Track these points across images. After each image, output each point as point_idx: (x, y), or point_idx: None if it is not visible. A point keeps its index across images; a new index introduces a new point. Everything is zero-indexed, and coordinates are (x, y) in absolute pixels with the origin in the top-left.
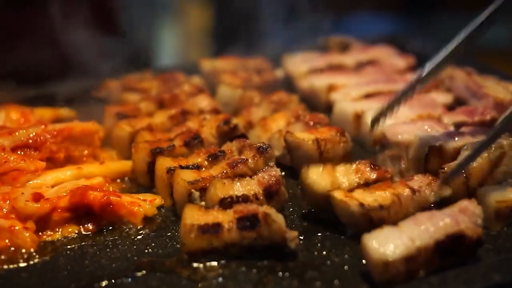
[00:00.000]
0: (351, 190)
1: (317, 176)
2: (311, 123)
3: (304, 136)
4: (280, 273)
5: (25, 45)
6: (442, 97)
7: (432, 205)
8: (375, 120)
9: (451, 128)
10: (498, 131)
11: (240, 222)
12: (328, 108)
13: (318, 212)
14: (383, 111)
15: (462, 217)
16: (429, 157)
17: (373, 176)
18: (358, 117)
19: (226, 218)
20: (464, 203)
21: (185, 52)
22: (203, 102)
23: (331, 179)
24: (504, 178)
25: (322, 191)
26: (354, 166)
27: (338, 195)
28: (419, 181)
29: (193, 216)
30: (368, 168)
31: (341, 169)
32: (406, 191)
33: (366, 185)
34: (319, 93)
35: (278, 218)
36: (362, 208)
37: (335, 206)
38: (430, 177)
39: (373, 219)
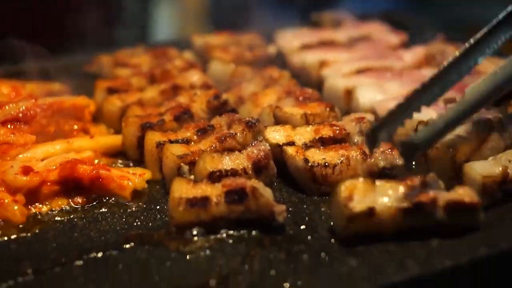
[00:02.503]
0: (307, 147)
1: (275, 132)
2: (302, 98)
3: (292, 111)
4: (268, 246)
5: (17, 19)
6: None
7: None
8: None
9: (441, 104)
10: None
11: (228, 196)
12: (319, 84)
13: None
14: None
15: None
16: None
17: (329, 134)
18: (349, 93)
19: (214, 191)
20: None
21: (181, 28)
22: (194, 77)
23: (288, 135)
24: (492, 154)
25: (276, 145)
26: (314, 126)
27: (289, 149)
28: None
29: (182, 189)
30: (327, 127)
31: (301, 128)
32: (358, 154)
33: (323, 144)
34: (311, 69)
35: (266, 192)
36: (306, 164)
37: (286, 160)
38: (389, 146)
39: (316, 176)
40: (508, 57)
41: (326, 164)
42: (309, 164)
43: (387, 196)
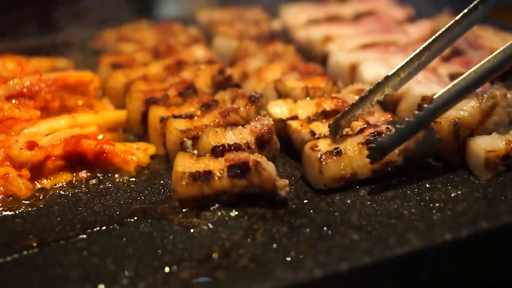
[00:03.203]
0: (310, 121)
1: (277, 107)
2: (305, 73)
3: (293, 84)
4: (270, 220)
5: None
6: None
7: None
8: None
9: (446, 79)
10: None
11: (231, 170)
12: (324, 59)
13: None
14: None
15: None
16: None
17: (331, 106)
18: (353, 67)
19: (217, 166)
20: None
21: (186, 3)
22: (199, 52)
23: (290, 109)
24: (495, 128)
25: (279, 120)
26: (315, 99)
27: (293, 124)
28: (377, 117)
29: (185, 163)
30: (328, 100)
31: (302, 102)
32: (361, 124)
33: (326, 117)
34: (315, 44)
35: (269, 167)
36: (312, 137)
37: (291, 135)
38: (389, 114)
39: None
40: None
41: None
42: (316, 137)
43: (348, 141)
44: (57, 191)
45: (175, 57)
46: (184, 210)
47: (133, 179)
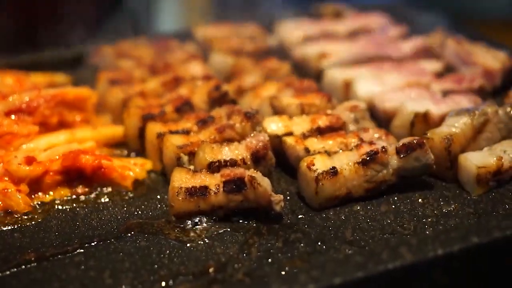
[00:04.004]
0: (305, 137)
1: (273, 123)
2: (300, 89)
3: (289, 101)
4: (266, 234)
5: (19, 10)
6: (432, 65)
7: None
8: None
9: (439, 95)
10: None
11: (227, 185)
12: (319, 75)
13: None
14: None
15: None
16: (415, 123)
17: (326, 123)
18: (347, 84)
19: (213, 181)
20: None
21: (183, 18)
22: (195, 68)
23: (285, 125)
24: (487, 144)
25: (274, 136)
26: (310, 116)
27: (288, 140)
28: (371, 133)
29: (181, 179)
30: (323, 117)
31: (298, 118)
32: (355, 141)
33: (321, 133)
34: (311, 61)
35: (264, 182)
36: (307, 153)
37: (286, 150)
38: (383, 131)
39: None
40: None
41: (326, 152)
42: (310, 153)
43: (343, 159)
44: (55, 206)
45: (172, 73)
46: (180, 225)
47: (130, 194)
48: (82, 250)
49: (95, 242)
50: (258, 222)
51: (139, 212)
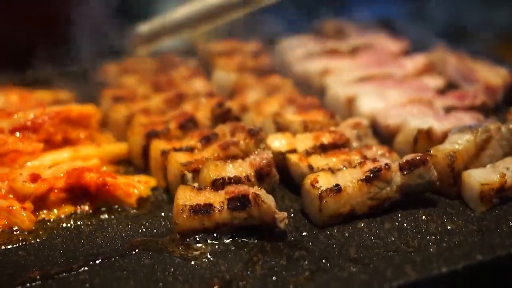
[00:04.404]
0: (308, 154)
1: (276, 140)
2: (303, 106)
3: (292, 118)
4: (270, 252)
5: (23, 27)
6: (434, 81)
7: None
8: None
9: (441, 112)
10: None
11: (231, 203)
12: (322, 92)
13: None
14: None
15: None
16: (418, 140)
17: (329, 140)
18: (350, 101)
19: (217, 198)
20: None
21: (187, 34)
22: (199, 85)
23: (289, 142)
24: (490, 161)
25: (278, 153)
26: (314, 133)
27: (292, 157)
28: (374, 151)
29: (186, 196)
30: (327, 134)
31: (301, 135)
32: (358, 159)
33: (324, 150)
34: (313, 77)
35: (268, 199)
36: (310, 170)
37: (289, 167)
38: (386, 148)
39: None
40: None
41: (330, 169)
42: (314, 170)
43: (347, 176)
44: (60, 224)
45: (175, 90)
46: (185, 243)
47: (135, 211)
48: (86, 268)
49: (100, 260)
50: (262, 239)
51: (144, 229)
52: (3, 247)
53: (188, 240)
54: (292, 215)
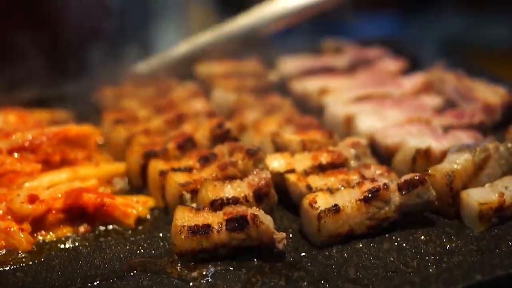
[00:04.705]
0: (307, 174)
1: (275, 160)
2: (301, 125)
3: (290, 138)
4: (268, 273)
5: (22, 47)
6: (432, 100)
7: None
8: None
9: (439, 131)
10: None
11: (229, 223)
12: (320, 110)
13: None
14: None
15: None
16: (416, 159)
17: (328, 160)
18: (349, 120)
19: (215, 219)
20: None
21: None
22: (198, 105)
23: (288, 162)
24: (489, 181)
25: (277, 173)
26: (312, 152)
27: (291, 177)
28: (373, 170)
29: (184, 217)
30: (325, 154)
31: (299, 155)
32: (357, 178)
33: (322, 170)
34: (312, 96)
35: (267, 220)
36: (309, 190)
37: (288, 188)
38: (384, 168)
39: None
40: None
41: (328, 189)
42: (312, 191)
43: (345, 196)
44: (58, 245)
45: (175, 111)
46: (183, 264)
47: (133, 232)
48: None
49: (98, 282)
50: (261, 260)
51: (142, 250)
52: (0, 269)
53: (186, 261)
54: (290, 235)
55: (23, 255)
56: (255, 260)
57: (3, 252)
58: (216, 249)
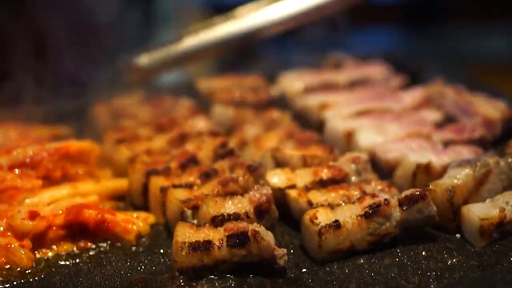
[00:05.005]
0: (308, 189)
1: (275, 176)
2: (302, 141)
3: (291, 153)
4: None
5: (22, 63)
6: (432, 115)
7: None
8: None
9: (440, 146)
10: None
11: (230, 240)
12: (320, 126)
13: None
14: None
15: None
16: (417, 174)
17: (328, 175)
18: (349, 135)
19: (216, 235)
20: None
21: (186, 69)
22: (200, 124)
23: (288, 178)
24: (489, 196)
25: (277, 189)
26: (313, 168)
27: (291, 193)
28: (373, 186)
29: (185, 233)
30: (326, 169)
31: (300, 171)
32: (357, 194)
33: (323, 185)
34: (312, 111)
35: (268, 236)
36: (310, 206)
37: (289, 203)
38: (385, 183)
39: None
40: None
41: (329, 204)
42: (313, 206)
43: (346, 212)
44: (58, 261)
45: (177, 130)
46: (184, 280)
47: (134, 248)
48: None
49: None
50: (262, 276)
51: (143, 266)
52: (1, 286)
53: (187, 278)
54: (291, 251)
55: (23, 272)
56: (256, 276)
57: (4, 269)
58: (217, 265)
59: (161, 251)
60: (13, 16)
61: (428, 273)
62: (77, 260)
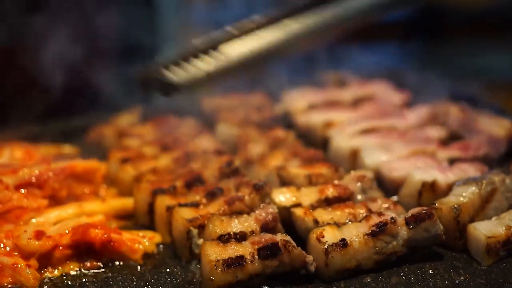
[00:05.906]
0: (313, 208)
1: (281, 195)
2: (306, 159)
3: (297, 172)
4: None
5: (26, 81)
6: (436, 132)
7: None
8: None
9: (445, 164)
10: None
11: (261, 252)
12: (325, 143)
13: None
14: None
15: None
16: (422, 192)
17: (334, 194)
18: (354, 153)
19: (246, 250)
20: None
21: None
22: (205, 143)
23: (294, 197)
24: (495, 213)
25: (283, 207)
26: (318, 186)
27: (297, 211)
28: (379, 204)
29: (216, 251)
30: (331, 188)
31: (306, 189)
32: (363, 212)
33: (329, 204)
34: (316, 129)
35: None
36: (316, 225)
37: (295, 222)
38: (391, 201)
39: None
40: None
41: (335, 223)
42: (319, 225)
43: (353, 230)
44: (65, 281)
45: (182, 149)
46: None
47: (140, 267)
48: None
49: None
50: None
51: (149, 286)
52: None
53: None
54: None
55: None
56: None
57: None
58: (251, 279)
59: (168, 270)
60: (18, 31)
61: None
62: (84, 280)
